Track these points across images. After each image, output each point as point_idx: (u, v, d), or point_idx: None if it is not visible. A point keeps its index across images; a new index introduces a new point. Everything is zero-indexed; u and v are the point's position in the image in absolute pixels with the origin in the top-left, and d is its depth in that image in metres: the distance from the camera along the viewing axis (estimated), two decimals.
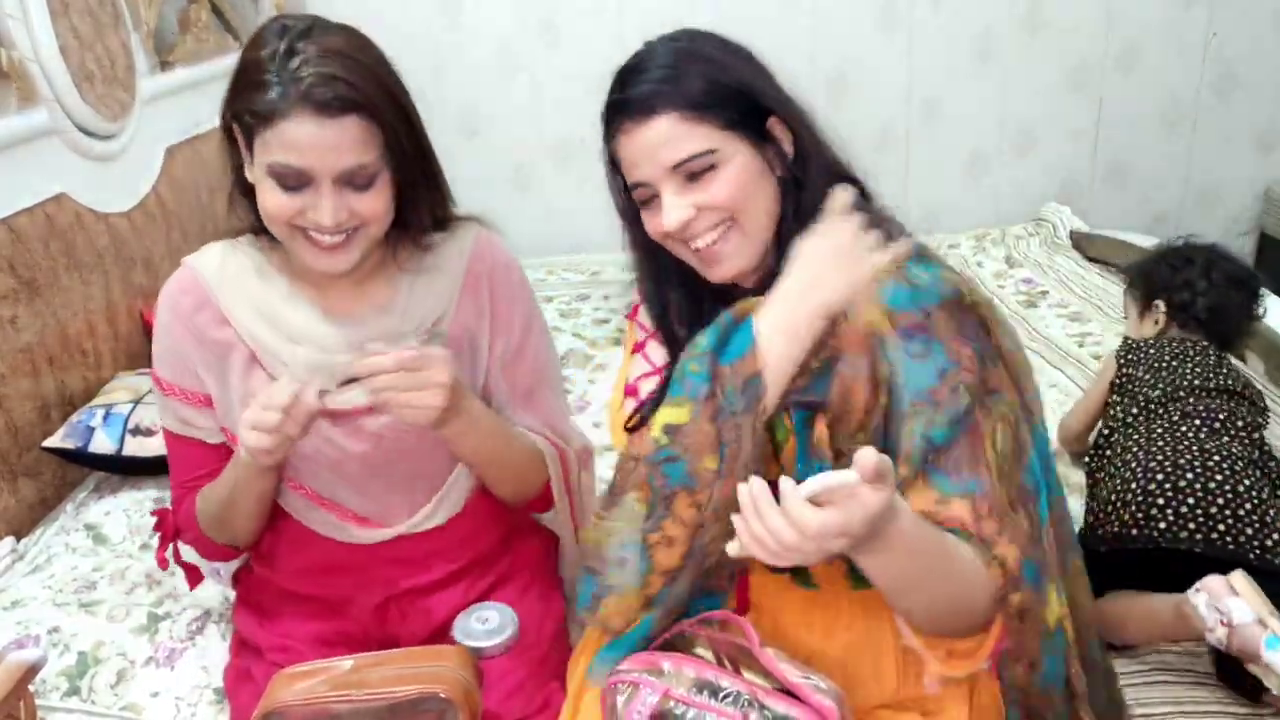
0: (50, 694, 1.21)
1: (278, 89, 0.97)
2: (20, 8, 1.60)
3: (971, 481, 0.87)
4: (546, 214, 2.97)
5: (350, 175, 1.00)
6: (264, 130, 0.98)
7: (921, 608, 0.86)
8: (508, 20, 2.80)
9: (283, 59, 0.98)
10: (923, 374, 0.86)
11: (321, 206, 1.00)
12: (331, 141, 0.98)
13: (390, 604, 1.20)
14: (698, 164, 0.93)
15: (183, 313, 1.12)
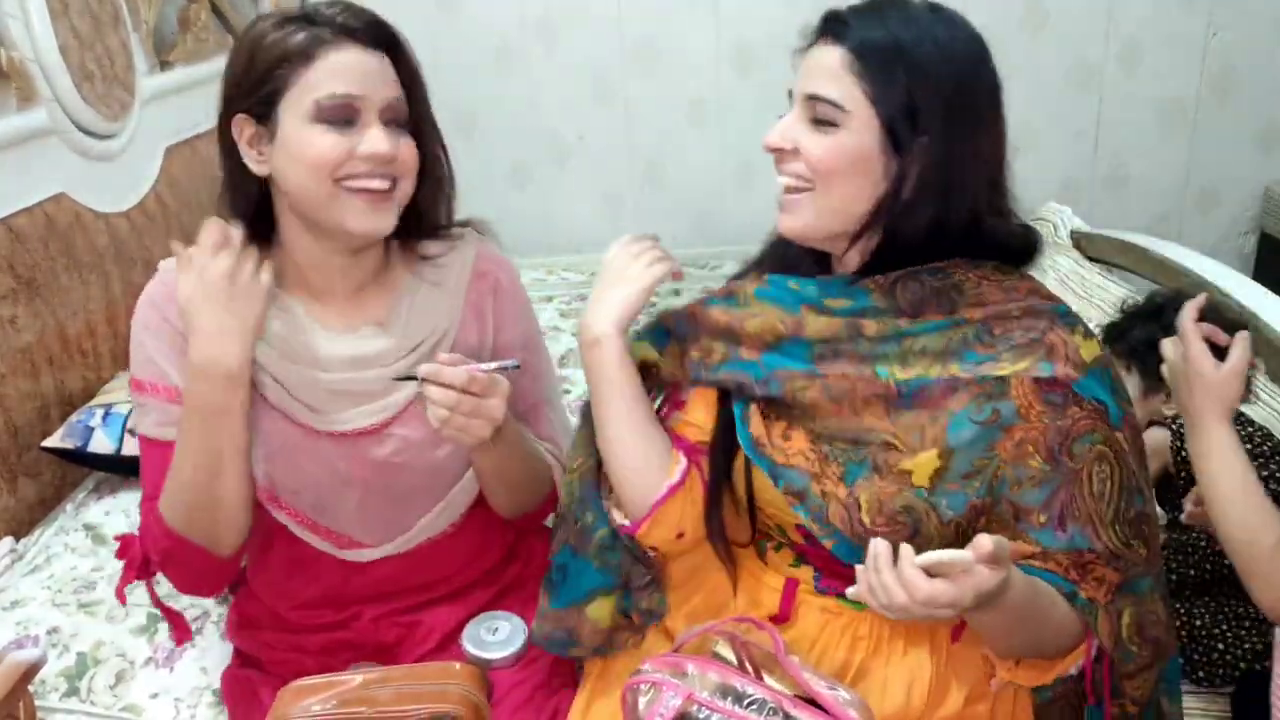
0: (49, 694, 1.21)
1: (310, 30, 0.99)
2: (20, 7, 1.60)
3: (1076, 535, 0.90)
4: (546, 213, 2.97)
5: (393, 110, 1.02)
6: (304, 71, 0.98)
7: (1008, 647, 0.93)
8: (506, 19, 2.79)
9: (310, 14, 1.00)
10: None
11: (375, 135, 0.99)
12: (376, 70, 1.00)
13: (395, 616, 1.18)
14: (824, 110, 0.91)
15: (169, 313, 1.08)
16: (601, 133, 2.89)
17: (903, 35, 0.90)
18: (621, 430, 1.03)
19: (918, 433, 0.91)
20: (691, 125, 2.83)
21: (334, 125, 0.99)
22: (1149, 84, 2.83)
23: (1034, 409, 0.89)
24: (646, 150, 2.90)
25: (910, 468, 0.91)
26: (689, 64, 2.78)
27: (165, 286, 1.10)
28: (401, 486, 1.13)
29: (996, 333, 0.91)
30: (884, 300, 0.94)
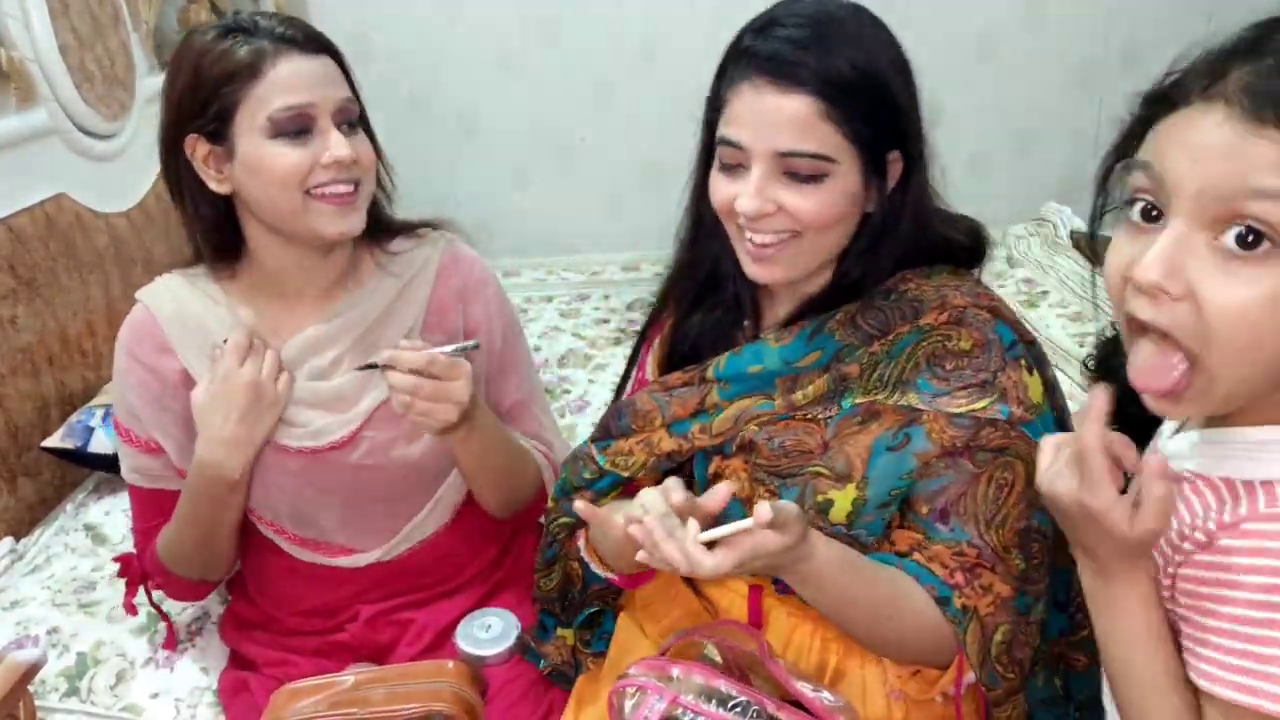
0: (49, 694, 1.21)
1: (253, 43, 0.98)
2: (20, 7, 1.60)
3: (957, 529, 0.89)
4: (546, 214, 2.97)
5: (344, 110, 1.02)
6: (252, 87, 0.97)
7: (861, 637, 0.92)
8: (507, 20, 2.80)
9: (245, 25, 1.00)
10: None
11: (332, 140, 1.00)
12: (322, 75, 1.01)
13: (388, 616, 1.19)
14: (808, 166, 0.85)
15: (142, 355, 1.09)
16: (602, 133, 2.89)
17: (858, 61, 0.85)
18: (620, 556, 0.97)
19: (843, 459, 0.91)
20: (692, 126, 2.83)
21: (292, 137, 0.99)
22: (1149, 84, 2.83)
23: (945, 434, 0.89)
24: (646, 150, 2.90)
25: (833, 498, 0.91)
26: (689, 64, 2.78)
27: (137, 326, 1.11)
28: (379, 490, 1.13)
29: (949, 367, 0.89)
30: (851, 335, 0.93)
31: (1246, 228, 0.56)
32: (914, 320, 0.91)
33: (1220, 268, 0.57)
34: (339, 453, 1.10)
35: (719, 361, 0.97)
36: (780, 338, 0.95)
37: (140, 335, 1.10)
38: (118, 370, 1.12)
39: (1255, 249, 0.56)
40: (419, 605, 1.19)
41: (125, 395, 1.12)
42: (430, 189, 2.91)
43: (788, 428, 0.95)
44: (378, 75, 2.81)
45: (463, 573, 1.21)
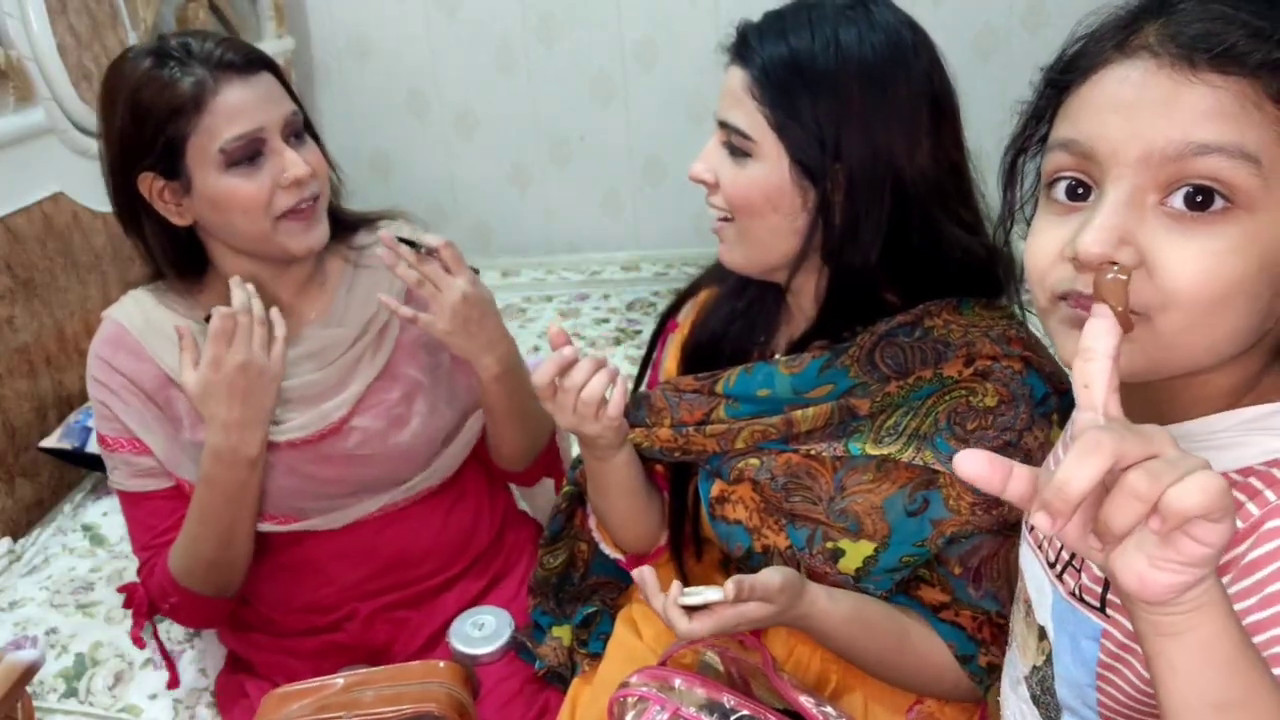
0: (48, 695, 1.20)
1: (190, 77, 0.96)
2: (18, 6, 1.59)
3: (988, 597, 0.89)
4: (546, 214, 2.96)
5: (290, 124, 1.02)
6: (199, 121, 0.96)
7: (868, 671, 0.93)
8: (507, 19, 2.79)
9: (172, 56, 0.97)
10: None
11: (287, 161, 1.00)
12: (265, 94, 1.00)
13: (384, 614, 1.18)
14: (736, 139, 0.87)
15: (120, 365, 1.08)
16: (602, 133, 2.88)
17: (801, 49, 0.82)
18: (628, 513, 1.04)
19: (851, 516, 0.89)
20: (691, 124, 2.83)
21: (247, 165, 0.99)
22: None
23: (964, 500, 0.86)
24: (646, 150, 2.89)
25: (844, 548, 0.90)
26: (689, 64, 2.78)
27: (109, 339, 1.10)
28: (372, 475, 1.14)
29: (970, 427, 0.85)
30: (866, 372, 0.89)
31: (1195, 187, 0.52)
32: (935, 367, 0.87)
33: (1173, 229, 0.53)
34: (329, 441, 1.10)
35: (730, 377, 0.95)
36: (791, 365, 0.92)
37: (115, 346, 1.09)
38: (93, 382, 1.10)
39: (1206, 209, 0.52)
40: (414, 603, 1.19)
41: (104, 402, 1.10)
42: (430, 189, 2.91)
43: (789, 466, 0.92)
44: (377, 75, 2.82)
45: (456, 563, 1.21)
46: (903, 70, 0.84)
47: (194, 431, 1.09)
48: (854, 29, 0.83)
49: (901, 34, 0.85)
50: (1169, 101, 0.52)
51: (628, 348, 2.22)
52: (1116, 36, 0.57)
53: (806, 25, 0.83)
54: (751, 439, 0.93)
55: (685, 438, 0.97)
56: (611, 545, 1.07)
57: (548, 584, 1.14)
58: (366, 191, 2.71)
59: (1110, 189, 0.54)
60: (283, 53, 2.59)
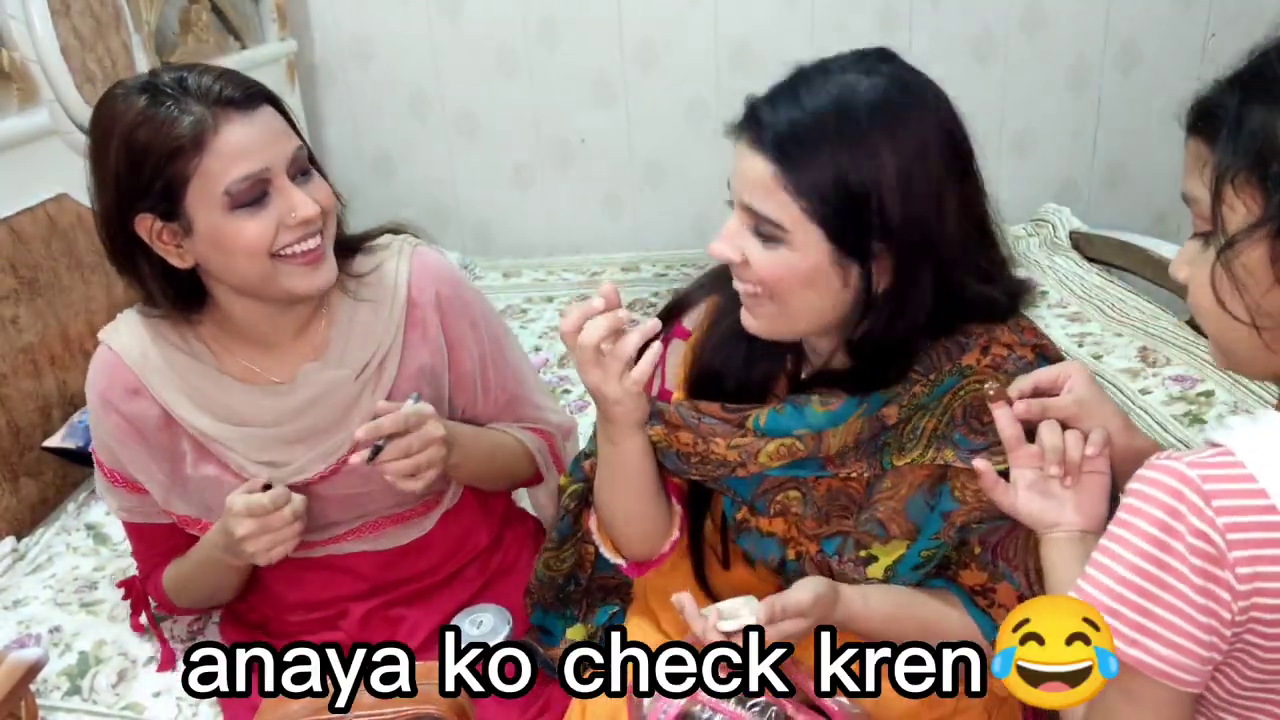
0: (51, 693, 1.21)
1: (189, 115, 0.91)
2: (21, 8, 1.60)
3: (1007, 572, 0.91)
4: (546, 214, 2.97)
5: (296, 161, 0.98)
6: (200, 161, 0.92)
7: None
8: (508, 22, 2.80)
9: (170, 89, 0.93)
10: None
11: (294, 202, 0.96)
12: (267, 131, 0.95)
13: (381, 612, 1.19)
14: (765, 226, 0.85)
15: (114, 401, 1.07)
16: (602, 134, 2.89)
17: (847, 166, 0.81)
18: (636, 509, 1.02)
19: (876, 523, 0.93)
20: (691, 126, 2.83)
21: (251, 207, 0.94)
22: (1147, 85, 2.83)
23: (969, 489, 0.89)
24: (646, 151, 2.90)
25: (876, 554, 0.93)
26: (689, 65, 2.78)
27: (105, 370, 1.08)
28: (371, 508, 1.14)
29: (986, 419, 0.87)
30: (899, 386, 0.91)
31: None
32: (956, 359, 0.90)
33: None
34: (328, 482, 1.10)
35: (759, 415, 0.94)
36: (827, 402, 0.92)
37: (111, 380, 1.07)
38: (92, 412, 1.10)
39: None
40: (411, 601, 1.19)
41: (103, 438, 1.10)
42: (432, 190, 2.92)
43: (829, 493, 0.95)
44: (378, 75, 2.82)
45: (453, 562, 1.22)
46: (937, 150, 0.84)
47: (196, 467, 1.08)
48: (888, 121, 0.82)
49: (928, 103, 0.86)
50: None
51: None
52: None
53: (842, 131, 0.82)
54: (777, 454, 0.93)
55: (706, 444, 0.96)
56: (612, 549, 1.06)
57: (552, 585, 1.14)
58: (368, 193, 2.72)
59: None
60: (285, 54, 2.60)
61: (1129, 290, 2.27)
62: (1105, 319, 2.23)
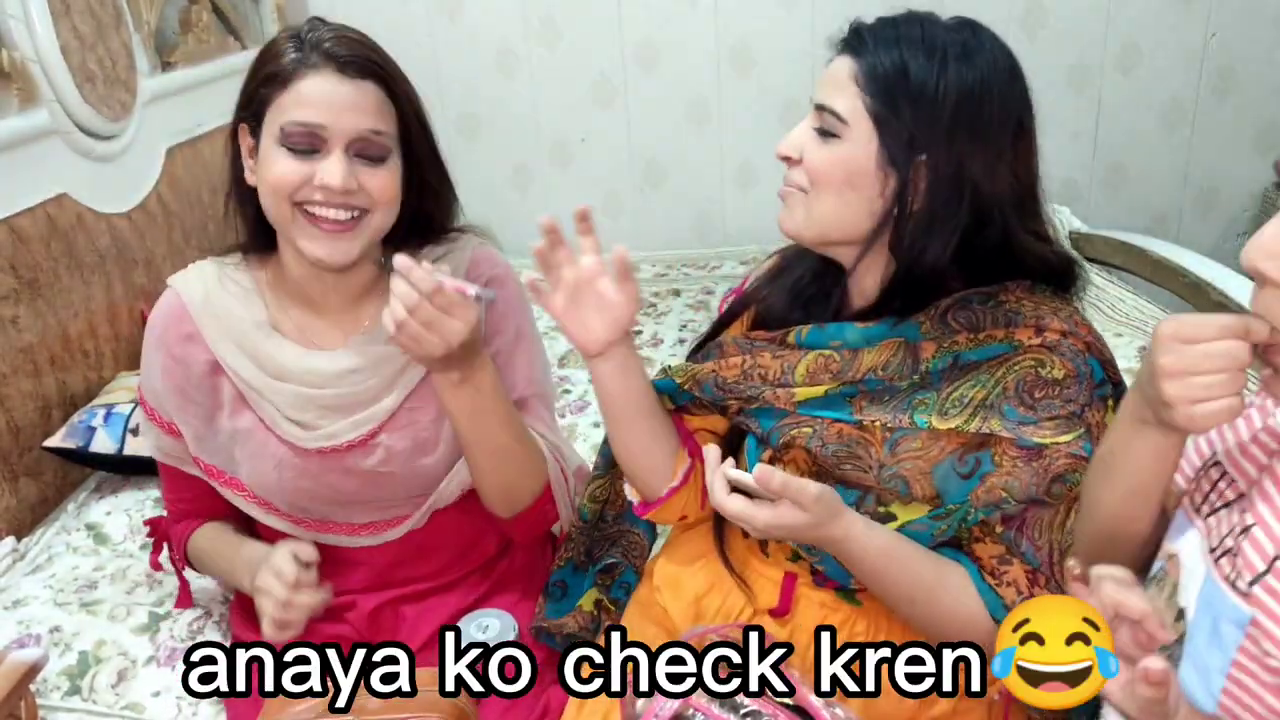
0: (51, 693, 1.21)
1: (297, 54, 0.99)
2: (22, 8, 1.60)
3: (1029, 551, 0.91)
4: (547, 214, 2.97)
5: (364, 142, 1.00)
6: (280, 94, 0.99)
7: (894, 610, 0.96)
8: (508, 21, 2.80)
9: (305, 31, 1.01)
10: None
11: (330, 167, 0.98)
12: (349, 99, 0.99)
13: (387, 608, 1.19)
14: (828, 120, 0.92)
15: (170, 342, 1.11)
16: (602, 134, 2.89)
17: (913, 62, 0.89)
18: (627, 440, 1.06)
19: (900, 481, 0.93)
20: (691, 126, 2.84)
21: (296, 152, 0.99)
22: (1148, 85, 2.83)
23: (1007, 455, 0.90)
24: (646, 151, 2.90)
25: (895, 513, 0.94)
26: (689, 65, 2.78)
27: (166, 312, 1.12)
28: (391, 492, 1.14)
29: (1038, 395, 0.89)
30: (938, 329, 0.94)
31: None
32: (1007, 329, 0.92)
33: None
34: (354, 454, 1.10)
35: (801, 330, 1.00)
36: (864, 323, 0.98)
37: (168, 322, 1.12)
38: (146, 352, 1.14)
39: None
40: (420, 597, 1.20)
41: (150, 377, 1.14)
42: None
43: (840, 436, 0.96)
44: None
45: (462, 564, 1.22)
46: (997, 96, 0.90)
47: (233, 419, 1.11)
48: (959, 51, 0.90)
49: (1000, 61, 0.93)
50: None
51: None
52: None
53: (919, 39, 0.90)
54: (814, 365, 0.97)
55: (754, 358, 1.01)
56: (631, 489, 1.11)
57: (590, 529, 1.18)
58: None
59: None
60: None
61: (1129, 290, 2.27)
62: (1105, 319, 2.23)
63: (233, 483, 1.15)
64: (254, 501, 1.16)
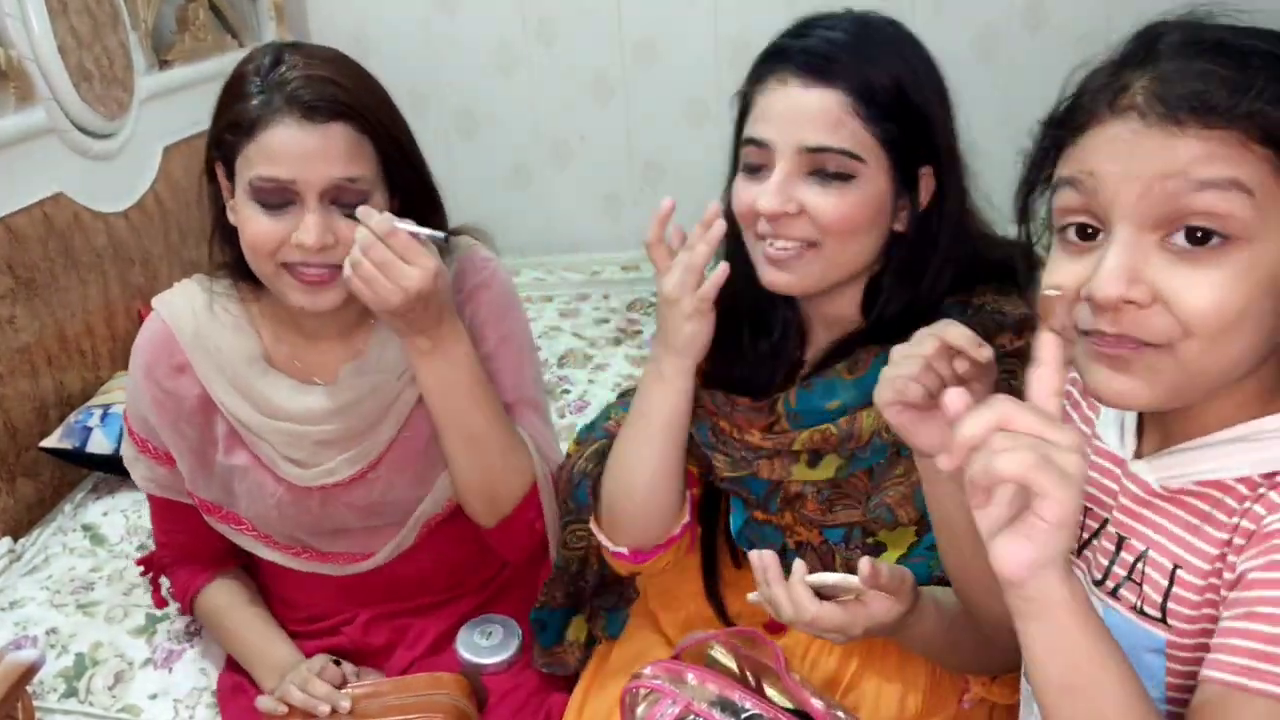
0: (48, 695, 1.20)
1: (261, 96, 0.92)
2: (18, 7, 1.60)
3: None
4: (546, 214, 2.96)
5: (339, 190, 0.94)
6: (246, 145, 0.93)
7: (950, 666, 0.92)
8: (506, 19, 2.79)
9: (268, 68, 0.94)
10: None
11: (305, 222, 0.93)
12: (317, 149, 0.92)
13: (385, 619, 1.18)
14: (835, 163, 0.83)
15: (159, 375, 1.06)
16: (601, 133, 2.88)
17: (896, 67, 0.84)
18: (654, 464, 0.96)
19: (884, 509, 0.90)
20: (691, 125, 2.83)
21: (270, 207, 0.93)
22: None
23: None
24: (646, 150, 2.89)
25: (884, 540, 0.91)
26: (689, 64, 2.78)
27: (155, 341, 1.07)
28: (391, 518, 1.12)
29: None
30: None
31: (1193, 226, 0.56)
32: (993, 339, 0.86)
33: (1178, 265, 0.57)
34: (353, 490, 1.08)
35: (787, 397, 0.93)
36: (854, 369, 0.91)
37: (157, 353, 1.06)
38: (132, 382, 1.09)
39: (1206, 244, 0.56)
40: (415, 612, 1.18)
41: (140, 408, 1.09)
42: None
43: (833, 482, 0.93)
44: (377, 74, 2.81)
45: (465, 583, 1.20)
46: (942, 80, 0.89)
47: (227, 455, 1.08)
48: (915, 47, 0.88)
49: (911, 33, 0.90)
50: (1163, 151, 0.57)
51: (628, 347, 2.22)
52: (1106, 95, 0.61)
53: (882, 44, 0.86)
54: (810, 443, 0.91)
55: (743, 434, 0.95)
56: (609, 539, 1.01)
57: (566, 575, 1.08)
58: None
59: (1117, 231, 0.58)
60: None
61: None
62: None
63: (229, 517, 1.13)
64: (252, 535, 1.13)
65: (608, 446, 1.02)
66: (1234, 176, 0.55)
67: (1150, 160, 0.57)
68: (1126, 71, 0.61)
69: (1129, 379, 0.59)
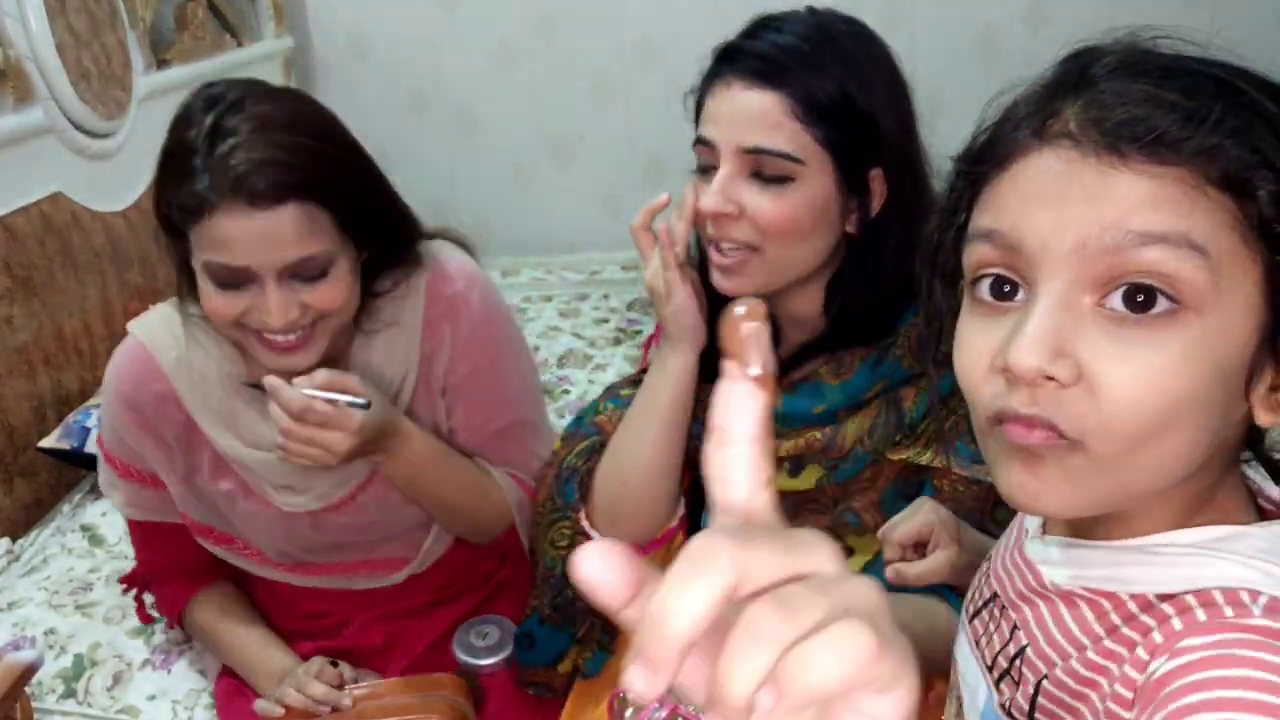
0: (46, 696, 1.20)
1: (205, 178, 0.86)
2: (17, 6, 1.59)
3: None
4: (546, 213, 2.96)
5: (299, 266, 0.90)
6: (194, 225, 0.89)
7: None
8: (506, 18, 2.79)
9: (208, 140, 0.88)
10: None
11: (268, 306, 0.89)
12: (269, 235, 0.87)
13: (382, 620, 1.18)
14: (772, 165, 0.82)
15: (142, 404, 1.03)
16: (601, 133, 2.88)
17: (848, 80, 0.82)
18: (655, 454, 0.95)
19: (852, 514, 0.90)
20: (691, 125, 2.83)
21: (227, 287, 0.90)
22: None
23: (945, 479, 0.86)
24: (646, 150, 2.89)
25: (853, 545, 0.91)
26: (689, 62, 2.77)
27: (135, 366, 1.03)
28: (389, 531, 1.12)
29: None
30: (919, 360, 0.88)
31: (1135, 285, 0.46)
32: None
33: (1113, 337, 0.46)
34: (342, 513, 1.08)
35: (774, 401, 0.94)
36: (840, 372, 0.90)
37: (139, 379, 1.03)
38: (111, 408, 1.05)
39: (1148, 310, 0.46)
40: (412, 614, 1.18)
41: (120, 433, 1.06)
42: (429, 189, 2.90)
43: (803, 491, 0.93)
44: (377, 74, 2.81)
45: (459, 584, 1.20)
46: (903, 85, 0.88)
47: (212, 480, 1.06)
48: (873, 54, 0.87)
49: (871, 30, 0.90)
50: (1099, 191, 0.46)
51: (628, 347, 2.21)
52: (1033, 122, 0.51)
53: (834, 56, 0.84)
54: (794, 449, 0.91)
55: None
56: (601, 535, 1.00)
57: (553, 574, 1.06)
58: None
59: (1042, 289, 0.48)
60: (281, 51, 2.59)
61: None
62: None
63: (224, 539, 1.11)
64: (248, 555, 1.13)
65: (597, 442, 1.02)
66: (1184, 230, 0.45)
67: (1085, 204, 0.47)
68: (1058, 98, 0.51)
69: (1045, 480, 0.49)
